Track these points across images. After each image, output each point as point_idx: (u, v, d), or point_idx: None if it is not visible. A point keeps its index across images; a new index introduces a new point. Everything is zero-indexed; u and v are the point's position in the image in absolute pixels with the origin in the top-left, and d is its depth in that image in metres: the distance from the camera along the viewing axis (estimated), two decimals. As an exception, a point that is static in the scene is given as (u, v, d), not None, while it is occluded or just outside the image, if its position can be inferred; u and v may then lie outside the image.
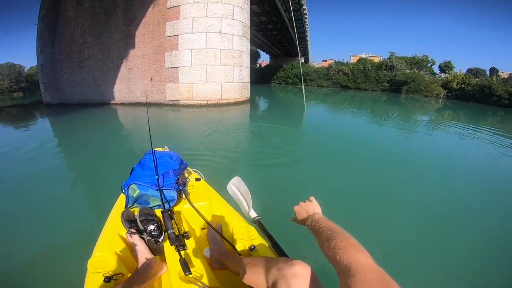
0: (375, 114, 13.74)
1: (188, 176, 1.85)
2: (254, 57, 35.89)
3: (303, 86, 10.56)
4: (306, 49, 42.46)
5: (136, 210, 1.40)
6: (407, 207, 3.37)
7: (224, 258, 1.14)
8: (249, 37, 11.41)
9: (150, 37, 9.84)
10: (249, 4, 11.01)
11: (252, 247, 1.20)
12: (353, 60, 37.52)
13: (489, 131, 10.13)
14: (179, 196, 1.52)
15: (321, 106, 15.56)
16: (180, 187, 1.53)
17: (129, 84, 10.38)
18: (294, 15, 23.74)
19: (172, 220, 1.15)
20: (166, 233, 1.15)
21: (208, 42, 9.48)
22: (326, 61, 51.20)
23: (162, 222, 1.19)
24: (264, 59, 52.21)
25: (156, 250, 1.21)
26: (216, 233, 1.24)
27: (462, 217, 3.31)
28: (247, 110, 10.44)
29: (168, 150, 2.19)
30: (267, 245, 1.23)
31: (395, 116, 13.11)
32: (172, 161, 1.77)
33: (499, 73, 26.85)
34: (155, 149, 1.83)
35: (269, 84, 26.26)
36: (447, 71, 27.06)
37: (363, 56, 40.30)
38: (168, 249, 1.11)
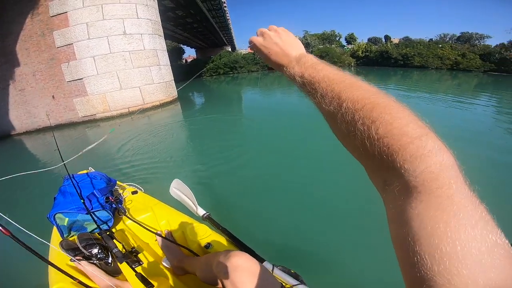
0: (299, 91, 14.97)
1: (122, 192, 1.77)
2: (178, 53, 33.93)
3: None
4: (231, 37, 42.14)
5: (75, 238, 1.30)
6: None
7: (182, 264, 1.11)
8: (162, 34, 10.67)
9: (37, 51, 8.21)
10: (156, 0, 10.23)
11: (208, 245, 1.18)
12: (275, 42, 38.96)
13: (395, 88, 12.88)
14: (118, 213, 1.47)
15: (255, 90, 16.02)
16: (114, 205, 1.48)
17: (28, 108, 8.64)
18: (212, 4, 23.19)
19: (114, 240, 1.14)
20: (111, 253, 1.12)
21: (112, 45, 8.46)
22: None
23: (105, 244, 1.16)
24: (190, 53, 50.20)
25: (114, 271, 1.16)
26: (168, 241, 1.21)
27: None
28: (178, 109, 9.92)
29: (93, 171, 2.03)
30: (224, 238, 1.23)
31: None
32: (97, 181, 1.66)
33: (391, 40, 31.68)
34: (76, 173, 1.74)
35: (201, 79, 25.43)
36: (352, 42, 30.70)
37: (283, 37, 42.25)
38: (124, 267, 1.07)
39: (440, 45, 24.30)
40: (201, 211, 1.40)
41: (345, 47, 29.62)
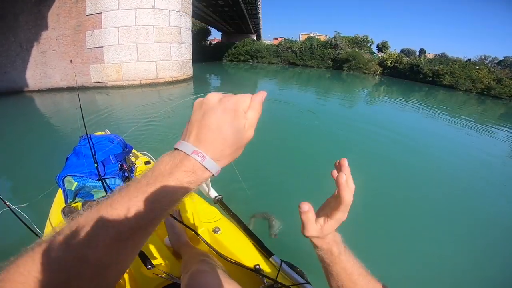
0: (321, 89, 14.76)
1: (135, 161, 1.68)
2: (204, 34, 33.86)
3: None
4: (258, 26, 41.56)
5: (79, 205, 1.25)
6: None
7: (180, 249, 1.04)
8: (190, 13, 10.67)
9: (67, 17, 8.47)
10: (191, -22, 10.21)
11: (216, 229, 1.11)
12: (302, 38, 38.24)
13: (415, 105, 12.56)
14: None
15: (272, 82, 15.88)
16: (126, 174, 1.39)
17: (45, 69, 8.98)
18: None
19: None
20: None
21: (139, 18, 8.59)
22: (277, 38, 51.32)
23: None
24: (216, 36, 50.15)
25: None
26: (175, 220, 1.10)
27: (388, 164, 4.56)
28: (190, 88, 10.05)
29: (110, 133, 1.92)
30: (234, 225, 1.17)
31: (338, 91, 14.42)
32: (113, 145, 1.54)
33: (426, 54, 30.25)
34: (92, 134, 1.63)
35: (221, 62, 25.42)
36: (383, 51, 29.48)
37: (311, 34, 41.36)
38: None
39: (477, 67, 22.92)
40: (213, 193, 1.30)
41: (374, 55, 28.49)
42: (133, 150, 1.77)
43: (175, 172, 0.30)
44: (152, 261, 0.92)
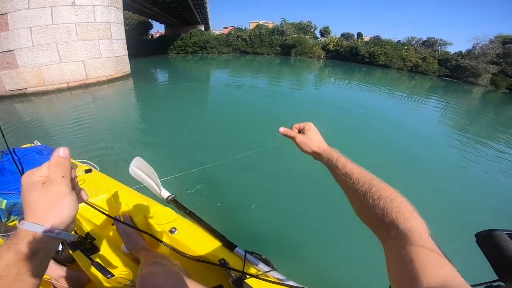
0: (272, 75, 15.22)
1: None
2: (144, 28, 31.54)
3: None
4: (206, 17, 39.98)
5: (16, 223, 1.15)
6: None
7: (137, 254, 0.99)
8: (120, 6, 9.84)
9: None
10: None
11: (173, 229, 1.06)
12: (252, 26, 38.15)
13: (357, 84, 14.18)
14: None
15: (224, 71, 15.72)
16: None
17: None
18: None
19: None
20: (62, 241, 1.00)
21: (56, 16, 7.65)
22: (227, 28, 50.29)
23: None
24: (159, 29, 47.21)
25: (66, 259, 1.03)
26: (127, 226, 1.04)
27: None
28: (130, 85, 9.45)
29: (39, 144, 1.75)
30: (191, 222, 1.13)
31: (288, 75, 15.08)
32: (43, 157, 1.42)
33: (363, 37, 32.56)
34: (18, 147, 1.49)
35: (166, 55, 24.14)
36: (326, 35, 31.04)
37: (260, 22, 41.46)
38: (77, 256, 0.95)
39: (406, 47, 25.56)
40: (165, 193, 1.25)
41: (318, 39, 29.87)
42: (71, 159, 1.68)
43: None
44: (113, 270, 0.89)
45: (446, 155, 5.04)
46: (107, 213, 1.06)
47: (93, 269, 0.88)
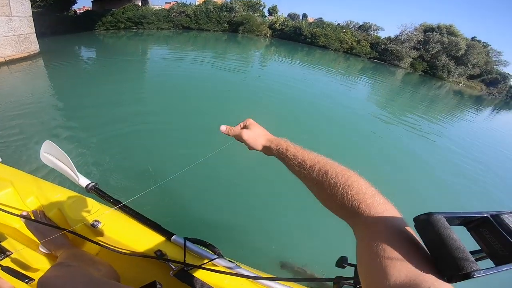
0: (219, 52, 14.81)
1: None
2: (65, 3, 27.03)
3: None
4: (144, -12, 36.19)
5: None
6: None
7: (57, 253, 0.88)
8: None
9: None
10: None
11: (95, 223, 0.92)
12: (199, 2, 35.92)
13: (299, 62, 15.28)
14: None
15: (163, 49, 14.65)
16: None
17: None
18: None
19: None
20: None
21: None
22: (170, 3, 46.47)
23: None
24: (86, 4, 40.98)
25: None
26: (39, 224, 0.91)
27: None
28: (39, 65, 8.29)
29: None
30: (117, 212, 0.99)
31: (235, 53, 14.89)
32: None
33: (308, 18, 33.57)
34: None
35: (93, 32, 21.34)
36: (273, 14, 31.12)
37: (208, -3, 39.23)
38: None
39: (344, 30, 27.22)
40: (84, 181, 1.02)
41: (266, 18, 29.77)
42: None
43: None
44: (32, 274, 0.80)
45: (373, 125, 6.23)
46: (11, 210, 0.92)
47: (5, 275, 0.75)
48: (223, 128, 0.65)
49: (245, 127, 0.65)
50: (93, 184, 1.03)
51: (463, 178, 4.42)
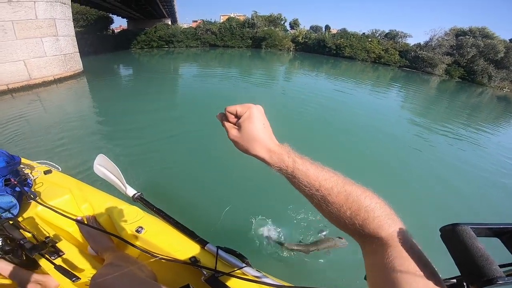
0: (243, 68, 15.14)
1: (31, 172, 1.43)
2: (104, 23, 29.50)
3: None
4: (172, 10, 38.28)
5: None
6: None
7: (104, 255, 0.97)
8: (68, 2, 9.14)
9: None
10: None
11: (139, 229, 1.02)
12: (223, 19, 37.41)
13: (327, 76, 14.59)
14: (26, 198, 1.18)
15: (193, 66, 15.25)
16: (18, 188, 1.19)
17: None
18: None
19: (21, 230, 0.95)
20: (19, 245, 0.94)
21: None
22: (196, 21, 48.92)
23: (9, 235, 0.95)
24: (122, 23, 44.52)
25: (30, 264, 1.00)
26: (91, 228, 1.02)
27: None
28: (83, 84, 8.94)
29: None
30: (159, 220, 1.09)
31: (259, 68, 15.15)
32: None
33: (330, 30, 33.35)
34: None
35: (129, 50, 22.83)
36: (295, 28, 31.36)
37: (232, 15, 40.80)
38: (40, 259, 0.92)
39: (370, 39, 26.54)
40: (131, 191, 1.20)
41: (288, 32, 30.05)
42: (25, 160, 1.55)
43: None
44: (79, 273, 0.86)
45: (409, 139, 5.74)
46: (68, 215, 1.01)
47: (57, 273, 0.84)
48: (219, 116, 0.52)
49: (239, 117, 0.48)
50: (138, 194, 1.18)
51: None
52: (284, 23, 30.91)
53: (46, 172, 1.44)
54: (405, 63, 24.35)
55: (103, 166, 1.27)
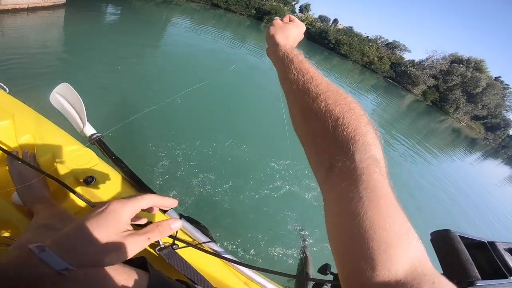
0: (237, 36, 14.67)
1: None
2: None
3: None
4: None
5: None
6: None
7: (33, 207, 0.68)
8: None
9: None
10: None
11: (89, 178, 0.80)
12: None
13: (312, 64, 15.03)
14: None
15: (187, 20, 14.95)
16: None
17: None
18: None
19: None
20: None
21: None
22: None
23: None
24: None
25: None
26: (23, 167, 0.74)
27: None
28: (59, 16, 7.67)
29: None
30: (116, 173, 0.90)
31: (254, 42, 15.00)
32: None
33: (338, 24, 33.30)
34: None
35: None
36: (304, 12, 31.02)
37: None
38: None
39: (370, 44, 27.18)
40: (89, 130, 0.94)
41: (295, 14, 29.73)
42: None
43: None
44: None
45: None
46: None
47: None
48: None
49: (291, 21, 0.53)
50: (98, 135, 0.94)
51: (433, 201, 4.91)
52: (295, 4, 30.39)
53: None
54: (391, 74, 25.50)
55: (62, 96, 1.01)
